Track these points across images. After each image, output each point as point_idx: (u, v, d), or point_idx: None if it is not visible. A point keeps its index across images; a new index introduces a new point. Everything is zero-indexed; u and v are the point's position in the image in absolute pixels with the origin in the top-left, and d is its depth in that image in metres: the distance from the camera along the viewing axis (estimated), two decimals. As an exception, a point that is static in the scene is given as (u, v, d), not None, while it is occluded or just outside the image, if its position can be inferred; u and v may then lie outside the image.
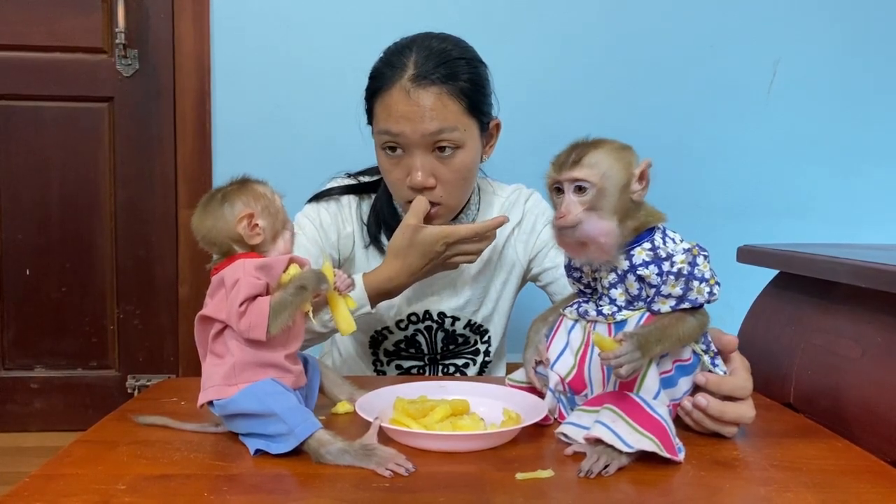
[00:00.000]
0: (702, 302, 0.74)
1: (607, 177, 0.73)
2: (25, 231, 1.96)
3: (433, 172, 1.09)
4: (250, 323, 0.71)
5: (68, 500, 0.60)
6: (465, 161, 1.10)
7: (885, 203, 2.01)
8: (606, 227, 0.73)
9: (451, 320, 1.23)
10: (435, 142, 1.07)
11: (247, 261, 0.74)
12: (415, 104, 1.06)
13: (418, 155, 1.08)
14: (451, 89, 1.07)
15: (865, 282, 0.88)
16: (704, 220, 1.95)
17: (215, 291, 0.75)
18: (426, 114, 1.06)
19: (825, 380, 0.95)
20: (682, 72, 1.94)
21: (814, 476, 0.68)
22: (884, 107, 2.00)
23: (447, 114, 1.07)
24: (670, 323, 0.73)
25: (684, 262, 0.73)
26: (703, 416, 0.77)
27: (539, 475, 0.66)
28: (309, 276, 0.76)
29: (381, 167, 1.15)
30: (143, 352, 2.02)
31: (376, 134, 1.13)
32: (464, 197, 1.16)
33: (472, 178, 1.15)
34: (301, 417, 0.70)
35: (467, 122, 1.09)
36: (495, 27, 1.90)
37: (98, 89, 1.93)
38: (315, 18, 1.89)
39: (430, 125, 1.06)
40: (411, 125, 1.06)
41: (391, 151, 1.10)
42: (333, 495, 0.62)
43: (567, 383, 0.79)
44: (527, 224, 1.25)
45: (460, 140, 1.09)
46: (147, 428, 0.80)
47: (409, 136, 1.07)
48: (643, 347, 0.69)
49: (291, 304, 0.73)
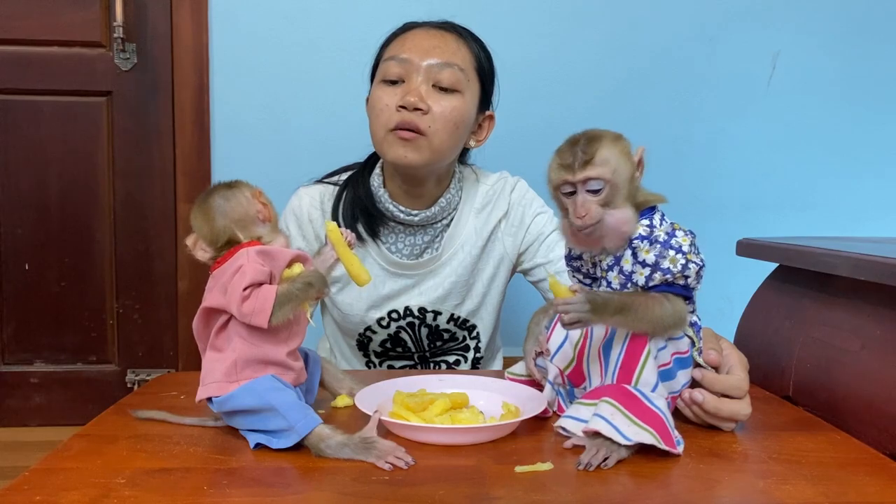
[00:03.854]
0: (675, 272, 0.72)
1: (618, 172, 0.73)
2: (24, 225, 1.96)
3: (428, 100, 1.10)
4: (254, 308, 0.71)
5: (68, 494, 0.60)
6: (458, 107, 1.12)
7: (885, 196, 2.01)
8: (626, 216, 0.73)
9: (432, 315, 1.21)
10: (437, 75, 1.10)
11: (250, 248, 0.74)
12: (432, 37, 1.12)
13: (419, 81, 1.10)
14: (467, 44, 1.15)
15: (865, 275, 0.88)
16: (704, 213, 1.95)
17: (214, 286, 0.75)
18: (440, 46, 1.11)
19: (824, 373, 0.95)
20: (681, 64, 1.94)
21: (812, 469, 0.68)
22: (884, 99, 1.99)
23: (458, 53, 1.13)
24: (638, 299, 0.72)
25: (663, 230, 0.74)
26: (700, 411, 0.77)
27: (538, 468, 0.67)
28: (316, 275, 0.76)
29: (372, 102, 1.15)
30: (142, 346, 2.02)
31: (381, 64, 1.15)
32: (446, 146, 1.13)
33: (458, 133, 1.14)
34: (301, 413, 0.70)
35: (472, 76, 1.14)
36: (493, 17, 1.89)
37: (96, 83, 1.92)
38: (313, 11, 1.88)
39: (442, 55, 1.11)
40: (423, 51, 1.11)
41: (390, 84, 1.12)
42: (334, 488, 0.62)
43: (566, 376, 0.79)
44: (514, 217, 1.22)
45: (461, 85, 1.11)
46: (146, 422, 0.80)
47: (415, 63, 1.10)
48: (594, 305, 0.69)
49: (297, 298, 0.73)
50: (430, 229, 1.19)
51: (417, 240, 1.19)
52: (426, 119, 1.09)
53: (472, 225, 1.21)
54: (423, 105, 1.08)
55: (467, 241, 1.20)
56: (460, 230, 1.20)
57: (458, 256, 1.20)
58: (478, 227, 1.21)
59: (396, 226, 1.19)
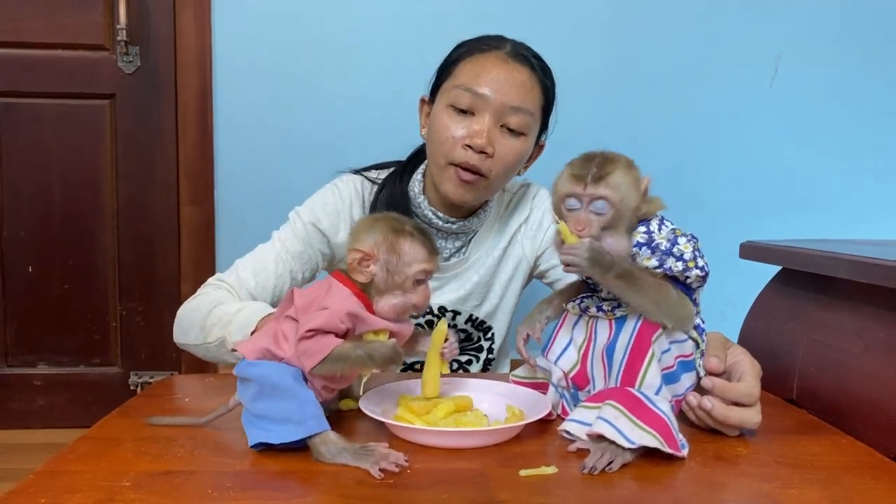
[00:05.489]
0: (675, 272, 0.73)
1: (625, 200, 0.73)
2: (28, 228, 1.96)
3: (494, 143, 1.08)
4: (307, 351, 0.70)
5: (73, 497, 0.60)
6: (520, 150, 1.10)
7: (888, 198, 2.01)
8: (621, 246, 0.74)
9: (451, 314, 1.23)
10: (508, 118, 1.08)
11: (347, 300, 0.72)
12: (509, 72, 1.07)
13: (489, 121, 1.07)
14: (539, 78, 1.11)
15: (867, 277, 0.88)
16: (707, 215, 1.95)
17: (315, 298, 0.73)
18: (515, 86, 1.07)
19: (828, 375, 0.95)
20: (683, 67, 1.94)
21: (817, 472, 0.68)
22: (886, 101, 1.99)
23: (531, 96, 1.09)
24: (649, 278, 0.72)
25: (664, 238, 0.73)
26: (706, 416, 0.77)
27: (543, 471, 0.67)
28: (385, 352, 0.72)
29: (436, 124, 1.11)
30: (145, 348, 2.02)
31: (451, 89, 1.10)
32: (502, 184, 1.15)
33: (514, 171, 1.14)
34: (317, 412, 0.70)
35: (537, 117, 1.12)
36: (497, 27, 1.89)
37: (99, 86, 1.93)
38: (316, 13, 1.89)
39: (515, 99, 1.07)
40: (499, 90, 1.07)
41: (459, 112, 1.09)
42: (337, 492, 0.62)
43: (570, 379, 0.79)
44: (534, 220, 1.24)
45: (527, 128, 1.10)
46: (151, 425, 0.80)
47: (489, 100, 1.07)
48: (594, 255, 0.70)
49: (349, 362, 0.71)
50: (463, 236, 1.20)
51: (449, 244, 1.20)
52: (488, 163, 1.08)
53: (495, 228, 1.23)
54: (490, 149, 1.07)
55: (491, 244, 1.22)
56: (486, 234, 1.22)
57: (481, 259, 1.22)
58: (500, 231, 1.23)
59: (429, 229, 1.19)
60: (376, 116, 1.83)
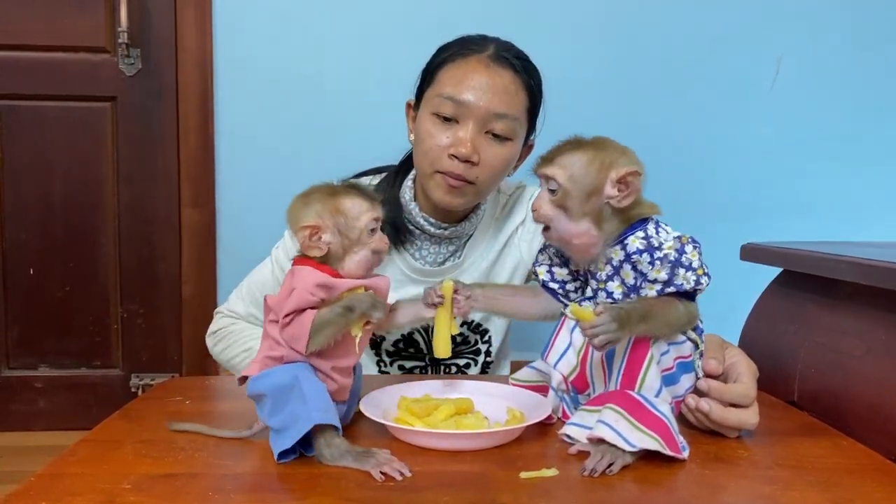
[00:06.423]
0: (687, 289, 0.73)
1: (574, 180, 0.74)
2: (29, 231, 1.96)
3: (479, 150, 1.07)
4: (292, 334, 0.70)
5: (74, 500, 0.60)
6: (507, 155, 1.10)
7: (890, 200, 2.01)
8: (576, 229, 0.74)
9: None
10: (492, 124, 1.06)
11: (311, 274, 0.72)
12: (491, 77, 1.06)
13: (473, 129, 1.06)
14: (523, 80, 1.09)
15: (869, 279, 0.88)
16: (708, 217, 1.95)
17: (284, 285, 0.74)
18: (498, 92, 1.06)
19: (829, 378, 0.95)
20: (684, 68, 1.94)
21: (819, 474, 0.68)
22: (888, 102, 1.99)
23: (515, 101, 1.08)
24: (656, 304, 0.73)
25: (672, 248, 0.73)
26: (704, 418, 0.77)
27: (543, 474, 0.66)
28: (362, 298, 0.72)
29: (421, 132, 1.11)
30: (146, 351, 2.02)
31: (434, 98, 1.09)
32: (491, 189, 1.15)
33: (503, 175, 1.14)
34: (323, 404, 0.69)
35: (522, 121, 1.10)
36: (498, 27, 1.89)
37: (101, 89, 1.93)
38: (317, 16, 1.89)
39: (499, 105, 1.06)
40: (481, 97, 1.05)
41: (443, 120, 1.08)
42: (338, 494, 0.62)
43: (570, 382, 0.79)
44: (531, 222, 1.24)
45: (512, 133, 1.09)
46: (151, 427, 0.80)
47: (472, 108, 1.05)
48: (621, 320, 0.69)
49: (334, 324, 0.70)
50: (456, 240, 1.20)
51: (442, 249, 1.20)
52: (475, 171, 1.08)
53: (491, 231, 1.23)
54: (476, 157, 1.07)
55: (486, 247, 1.21)
56: (481, 237, 1.22)
57: (476, 262, 1.21)
58: (496, 233, 1.23)
59: (422, 234, 1.19)
60: (377, 117, 1.82)
